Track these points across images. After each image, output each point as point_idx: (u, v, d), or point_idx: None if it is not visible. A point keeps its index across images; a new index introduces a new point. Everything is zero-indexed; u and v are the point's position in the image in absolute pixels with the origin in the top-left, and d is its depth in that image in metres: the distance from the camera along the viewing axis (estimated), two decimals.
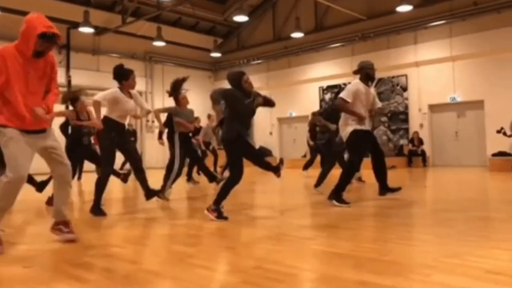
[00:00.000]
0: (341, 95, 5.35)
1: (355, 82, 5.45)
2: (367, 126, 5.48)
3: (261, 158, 4.84)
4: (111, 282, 2.50)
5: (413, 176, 10.45)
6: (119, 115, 5.08)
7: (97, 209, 4.91)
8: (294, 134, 17.67)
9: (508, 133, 5.87)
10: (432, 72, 14.06)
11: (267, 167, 4.79)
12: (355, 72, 5.57)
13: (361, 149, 5.41)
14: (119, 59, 16.68)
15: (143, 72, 17.57)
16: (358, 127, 5.28)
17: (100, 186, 5.01)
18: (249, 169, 4.86)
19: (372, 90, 5.66)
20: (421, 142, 13.92)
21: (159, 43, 16.50)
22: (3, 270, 2.75)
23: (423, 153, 13.74)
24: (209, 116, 11.94)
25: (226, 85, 4.63)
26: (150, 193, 5.46)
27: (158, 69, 18.22)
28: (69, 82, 15.37)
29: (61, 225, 3.48)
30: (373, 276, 2.44)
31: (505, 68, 12.45)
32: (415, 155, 13.75)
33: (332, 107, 7.29)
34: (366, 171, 7.96)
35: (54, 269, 2.81)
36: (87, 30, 14.66)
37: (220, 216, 4.32)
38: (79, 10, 14.66)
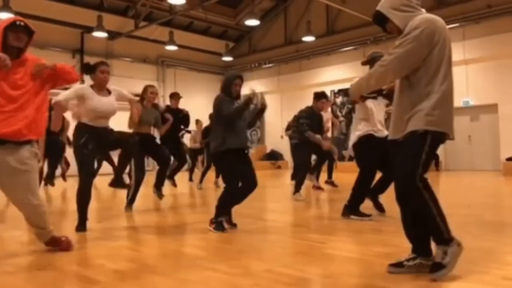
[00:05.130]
0: None
1: None
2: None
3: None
4: (121, 283, 2.52)
5: None
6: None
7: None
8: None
9: None
10: None
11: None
12: (364, 63, 4.71)
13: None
14: (131, 63, 16.88)
15: (155, 75, 17.71)
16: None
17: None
18: (260, 173, 4.84)
19: None
20: None
21: (171, 47, 16.60)
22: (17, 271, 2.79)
23: (436, 157, 13.59)
24: (197, 122, 10.73)
25: None
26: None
27: (170, 73, 18.34)
28: None
29: None
30: (383, 282, 2.42)
31: None
32: None
33: None
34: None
35: (66, 270, 2.84)
36: (100, 34, 14.78)
37: (218, 227, 3.98)
38: (93, 15, 14.82)
